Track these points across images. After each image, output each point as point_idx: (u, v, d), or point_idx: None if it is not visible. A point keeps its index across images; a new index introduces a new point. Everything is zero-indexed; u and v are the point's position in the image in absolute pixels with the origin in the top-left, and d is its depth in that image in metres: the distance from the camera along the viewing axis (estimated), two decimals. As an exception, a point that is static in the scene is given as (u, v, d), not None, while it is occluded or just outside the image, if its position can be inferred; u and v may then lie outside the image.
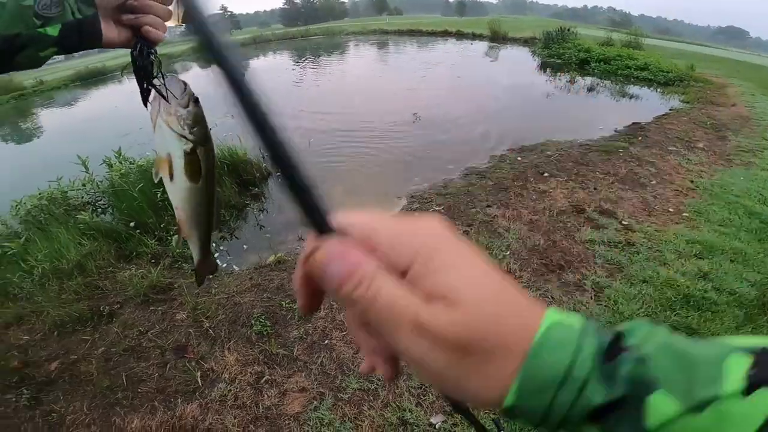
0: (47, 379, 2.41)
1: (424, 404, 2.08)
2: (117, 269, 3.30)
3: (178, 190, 0.72)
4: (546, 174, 4.71)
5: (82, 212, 3.74)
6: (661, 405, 0.23)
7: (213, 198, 0.76)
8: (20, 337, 2.76)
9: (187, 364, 2.40)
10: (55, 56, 0.67)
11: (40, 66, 0.65)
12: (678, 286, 2.75)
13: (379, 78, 13.03)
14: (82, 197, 4.24)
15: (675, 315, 2.50)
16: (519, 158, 5.45)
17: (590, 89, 9.97)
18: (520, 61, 14.73)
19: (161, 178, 0.73)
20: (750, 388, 0.22)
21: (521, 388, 0.24)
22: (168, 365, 2.42)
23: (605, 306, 2.64)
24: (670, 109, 7.83)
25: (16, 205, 4.16)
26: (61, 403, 2.26)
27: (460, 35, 22.81)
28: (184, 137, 0.67)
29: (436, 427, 1.97)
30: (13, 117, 14.61)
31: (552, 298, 2.73)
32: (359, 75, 13.80)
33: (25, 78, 23.13)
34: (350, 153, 6.16)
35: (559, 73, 11.84)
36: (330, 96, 10.63)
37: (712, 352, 0.24)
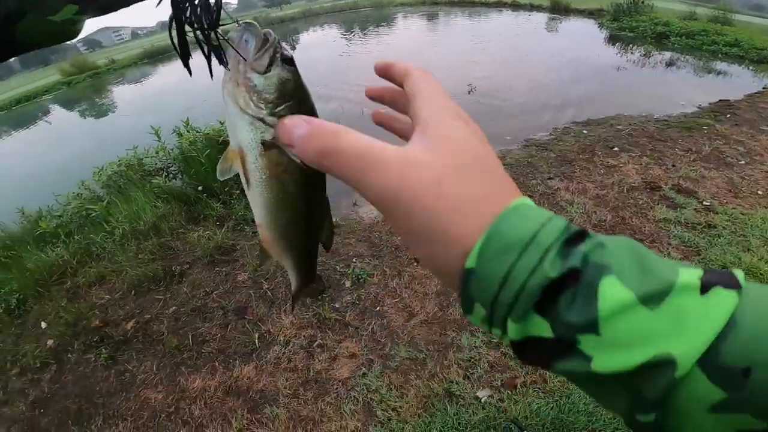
0: (123, 339, 2.61)
1: (471, 378, 2.06)
2: (187, 230, 3.53)
3: (258, 200, 0.43)
4: (616, 148, 4.38)
5: (157, 177, 4.04)
6: (612, 290, 0.22)
7: (314, 206, 0.46)
8: (102, 296, 3.02)
9: (247, 326, 2.53)
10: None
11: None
12: (761, 274, 2.50)
13: (432, 50, 12.58)
14: (156, 164, 4.55)
15: (756, 305, 2.27)
16: (585, 131, 5.10)
17: (669, 64, 9.00)
18: (585, 34, 13.56)
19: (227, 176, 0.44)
20: (705, 288, 0.22)
21: (484, 248, 0.24)
22: (229, 326, 2.56)
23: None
24: (764, 87, 6.96)
25: (98, 172, 4.56)
26: (134, 362, 2.44)
27: (516, 6, 21.30)
28: (262, 120, 0.38)
29: (482, 401, 1.93)
30: (90, 93, 15.97)
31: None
32: (410, 47, 13.44)
33: (98, 57, 25.05)
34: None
35: (631, 47, 10.80)
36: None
37: (668, 261, 0.24)
